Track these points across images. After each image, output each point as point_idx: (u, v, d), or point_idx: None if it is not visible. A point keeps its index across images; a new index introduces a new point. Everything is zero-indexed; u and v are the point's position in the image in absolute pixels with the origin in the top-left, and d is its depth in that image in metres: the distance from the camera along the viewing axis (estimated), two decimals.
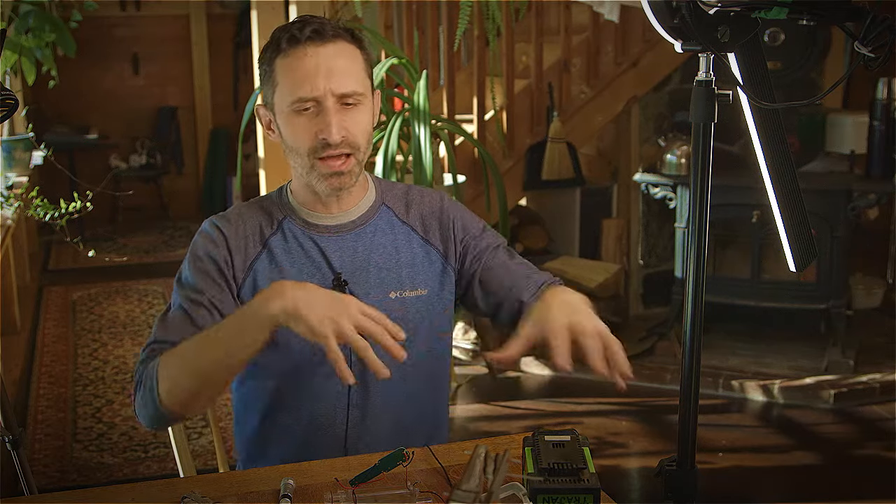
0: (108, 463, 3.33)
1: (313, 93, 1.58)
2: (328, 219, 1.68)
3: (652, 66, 4.55)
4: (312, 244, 1.66)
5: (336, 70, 1.58)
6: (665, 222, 4.82)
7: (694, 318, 1.28)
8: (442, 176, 3.86)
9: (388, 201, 1.74)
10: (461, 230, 1.74)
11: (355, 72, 1.61)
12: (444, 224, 1.74)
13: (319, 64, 1.58)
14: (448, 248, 1.73)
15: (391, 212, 1.73)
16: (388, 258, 1.69)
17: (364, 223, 1.70)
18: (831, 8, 1.19)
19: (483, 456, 1.24)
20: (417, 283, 1.69)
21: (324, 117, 1.58)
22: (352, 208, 1.69)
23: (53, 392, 3.96)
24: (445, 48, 4.22)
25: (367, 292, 1.65)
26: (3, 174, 4.04)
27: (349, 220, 1.69)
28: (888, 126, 4.00)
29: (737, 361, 4.14)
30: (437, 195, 1.79)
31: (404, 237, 1.71)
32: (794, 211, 1.35)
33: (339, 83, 1.58)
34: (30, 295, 5.27)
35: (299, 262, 1.65)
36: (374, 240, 1.69)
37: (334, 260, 1.66)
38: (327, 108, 1.58)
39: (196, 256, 1.64)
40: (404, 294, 1.68)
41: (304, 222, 1.68)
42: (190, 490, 1.38)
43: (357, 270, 1.66)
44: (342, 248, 1.67)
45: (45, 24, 3.41)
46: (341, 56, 1.60)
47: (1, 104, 1.53)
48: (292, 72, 1.59)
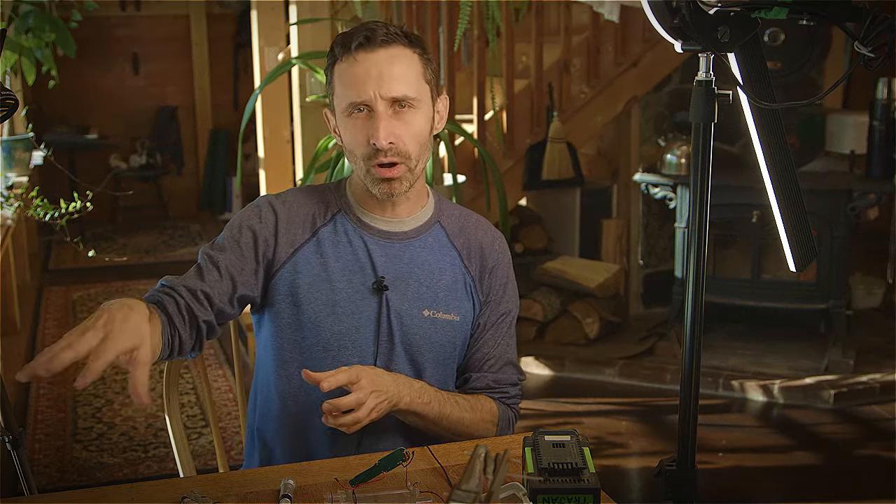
0: (108, 463, 3.33)
1: (361, 97, 1.59)
2: (382, 222, 1.69)
3: (652, 66, 4.55)
4: (361, 243, 1.68)
5: (386, 75, 1.59)
6: (665, 222, 4.82)
7: (694, 318, 1.28)
8: (442, 176, 3.86)
9: (443, 220, 1.75)
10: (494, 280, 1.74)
11: (408, 76, 1.62)
12: (486, 265, 1.74)
13: (370, 69, 1.59)
14: (481, 287, 1.74)
15: (444, 231, 1.74)
16: (430, 276, 1.69)
17: (416, 236, 1.71)
18: (831, 8, 1.19)
19: (483, 456, 1.24)
20: (451, 307, 1.70)
21: (374, 122, 1.60)
22: (407, 217, 1.71)
23: (53, 392, 3.96)
24: (445, 48, 4.22)
25: (401, 303, 1.66)
26: (3, 174, 4.04)
27: (402, 229, 1.70)
28: (888, 126, 4.00)
29: (737, 361, 4.14)
30: (492, 232, 1.79)
31: (450, 260, 1.72)
32: (794, 211, 1.35)
33: (388, 87, 1.59)
34: (30, 295, 5.27)
35: (344, 257, 1.67)
36: (420, 254, 1.70)
37: (379, 264, 1.67)
38: (378, 112, 1.59)
39: (237, 223, 1.67)
40: (437, 315, 1.68)
41: (357, 220, 1.69)
42: (190, 490, 1.38)
43: (398, 280, 1.67)
44: (388, 254, 1.68)
45: (45, 24, 3.41)
46: (393, 61, 1.61)
47: (1, 104, 1.53)
48: (344, 78, 1.62)
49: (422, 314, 1.67)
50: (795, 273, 2.29)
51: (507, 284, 1.77)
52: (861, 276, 4.64)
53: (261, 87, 3.81)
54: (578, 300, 4.39)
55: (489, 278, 1.74)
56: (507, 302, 1.76)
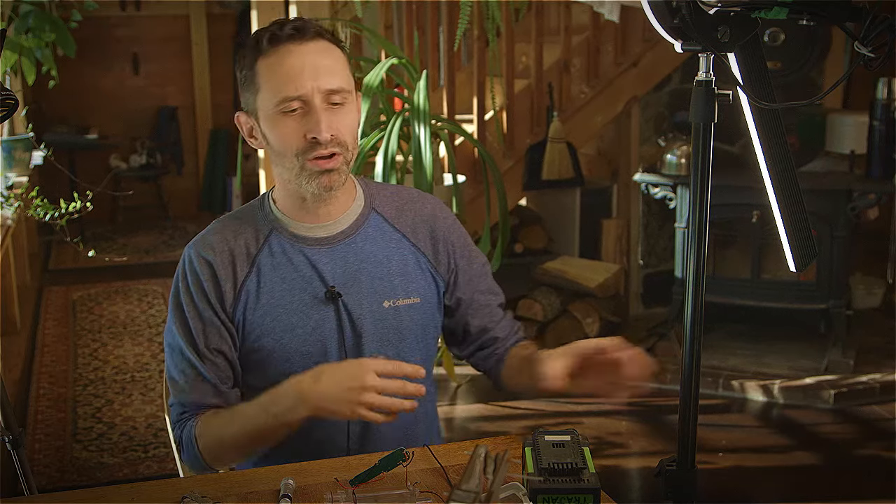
0: (108, 463, 3.33)
1: (299, 91, 1.54)
2: (317, 230, 1.65)
3: (652, 66, 4.55)
4: (303, 258, 1.63)
5: (322, 67, 1.56)
6: (665, 222, 4.82)
7: (694, 318, 1.28)
8: (442, 176, 3.86)
9: (377, 206, 1.71)
10: (451, 246, 1.73)
11: (340, 70, 1.58)
12: (436, 235, 1.72)
13: (305, 61, 1.55)
14: (438, 259, 1.71)
15: (381, 217, 1.70)
16: (380, 266, 1.66)
17: (354, 232, 1.66)
18: (831, 8, 1.19)
19: (483, 456, 1.24)
20: (410, 291, 1.67)
21: (312, 116, 1.55)
22: (340, 216, 1.66)
23: (53, 392, 3.96)
24: (445, 48, 4.22)
25: (360, 302, 1.63)
26: (3, 174, 4.04)
27: (339, 230, 1.66)
28: (888, 126, 3.99)
29: (737, 361, 4.14)
30: (430, 202, 1.76)
31: (395, 244, 1.69)
32: (794, 211, 1.35)
33: (326, 80, 1.55)
34: (30, 295, 5.27)
35: (289, 277, 1.62)
36: (364, 248, 1.66)
37: (326, 272, 1.63)
38: (315, 106, 1.55)
39: (185, 295, 1.62)
40: (397, 303, 1.66)
41: (292, 235, 1.64)
42: (190, 490, 1.38)
43: (349, 281, 1.64)
44: (333, 259, 1.64)
45: (45, 24, 3.41)
46: (325, 53, 1.57)
47: (1, 104, 1.53)
48: (276, 71, 1.56)
49: (383, 307, 1.64)
50: (795, 273, 2.29)
51: (465, 243, 1.75)
52: (861, 276, 4.64)
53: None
54: (578, 300, 4.39)
55: (444, 247, 1.72)
56: (475, 257, 1.76)
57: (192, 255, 1.63)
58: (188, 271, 1.63)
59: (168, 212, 7.23)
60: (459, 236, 1.75)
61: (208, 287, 1.61)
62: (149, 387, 3.99)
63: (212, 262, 1.61)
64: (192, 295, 1.61)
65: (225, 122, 7.35)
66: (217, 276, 1.61)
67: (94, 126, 7.01)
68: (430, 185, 3.36)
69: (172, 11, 7.20)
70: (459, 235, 1.75)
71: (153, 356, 4.36)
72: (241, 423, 1.55)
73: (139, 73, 7.27)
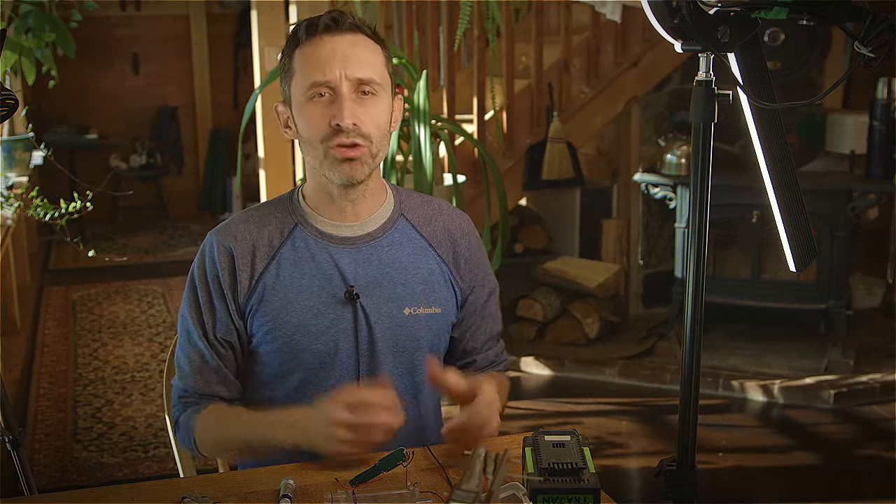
0: (108, 463, 3.33)
1: (327, 76, 1.55)
2: (343, 228, 1.64)
3: (652, 66, 4.56)
4: (326, 255, 1.62)
5: (352, 56, 1.56)
6: (665, 222, 4.82)
7: (694, 318, 1.28)
8: (442, 176, 3.86)
9: (406, 212, 1.70)
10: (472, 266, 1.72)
11: (373, 62, 1.58)
12: (458, 251, 1.71)
13: (336, 49, 1.56)
14: (461, 275, 1.71)
15: (409, 224, 1.69)
16: (404, 273, 1.65)
17: (381, 235, 1.65)
18: (831, 8, 1.19)
19: (483, 456, 1.24)
20: (432, 301, 1.66)
21: (337, 103, 1.55)
22: (368, 218, 1.65)
23: (53, 392, 3.96)
24: (445, 48, 4.22)
25: (379, 306, 1.62)
26: (3, 174, 4.04)
27: (365, 231, 1.65)
28: (888, 126, 4.00)
29: (737, 361, 4.14)
30: (459, 218, 1.75)
31: (422, 252, 1.68)
32: (794, 211, 1.35)
33: (355, 69, 1.55)
34: (30, 295, 5.27)
35: (309, 273, 1.62)
36: (390, 253, 1.65)
37: (348, 272, 1.62)
38: (342, 94, 1.55)
39: (199, 280, 1.63)
40: (418, 311, 1.64)
41: (317, 231, 1.63)
42: (190, 490, 1.38)
43: (371, 284, 1.62)
44: (357, 260, 1.63)
45: (45, 24, 3.41)
46: (359, 45, 1.58)
47: (1, 104, 1.53)
48: (308, 59, 1.57)
49: (402, 313, 1.63)
50: (795, 273, 2.29)
51: (484, 264, 1.75)
52: (861, 276, 4.64)
53: (261, 87, 3.81)
54: (578, 300, 4.39)
55: (465, 264, 1.71)
56: (489, 281, 1.76)
57: (213, 243, 1.64)
58: (207, 259, 1.63)
59: (168, 212, 7.24)
60: (480, 258, 1.75)
61: (223, 277, 1.61)
62: (149, 387, 3.99)
63: (232, 251, 1.61)
64: (207, 284, 1.62)
65: (225, 122, 7.36)
66: (235, 267, 1.61)
67: (94, 126, 7.01)
68: (430, 185, 3.36)
69: (172, 11, 7.20)
70: (480, 257, 1.75)
71: (153, 356, 4.37)
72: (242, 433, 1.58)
73: (139, 73, 7.28)
